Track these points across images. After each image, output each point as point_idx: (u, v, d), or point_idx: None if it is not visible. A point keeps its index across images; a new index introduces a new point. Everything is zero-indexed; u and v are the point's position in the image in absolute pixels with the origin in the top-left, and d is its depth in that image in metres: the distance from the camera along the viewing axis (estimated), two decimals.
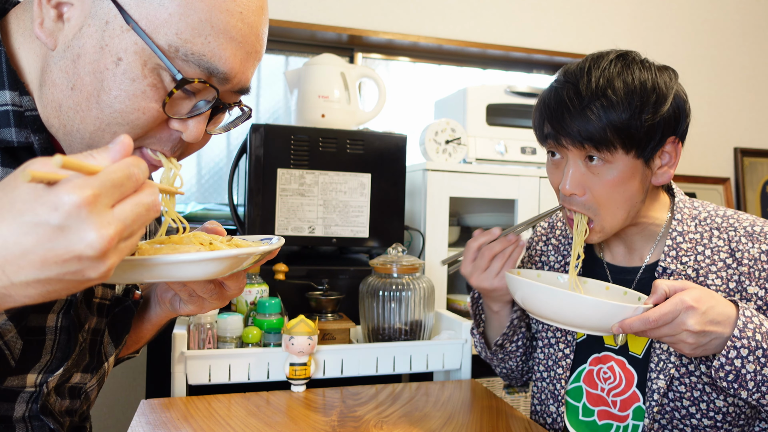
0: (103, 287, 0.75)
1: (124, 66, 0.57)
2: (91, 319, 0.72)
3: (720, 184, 2.68)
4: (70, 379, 0.70)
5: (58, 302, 0.66)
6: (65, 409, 0.71)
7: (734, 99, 2.74)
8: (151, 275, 0.56)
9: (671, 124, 0.86)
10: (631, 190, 0.87)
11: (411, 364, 1.23)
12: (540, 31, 2.44)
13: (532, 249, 1.16)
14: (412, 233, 1.79)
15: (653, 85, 0.84)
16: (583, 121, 0.83)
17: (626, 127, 0.82)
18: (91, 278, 0.44)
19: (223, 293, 0.70)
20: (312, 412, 1.01)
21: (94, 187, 0.42)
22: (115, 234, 0.43)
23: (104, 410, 1.99)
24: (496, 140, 1.89)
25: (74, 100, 0.58)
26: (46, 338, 0.65)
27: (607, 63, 0.86)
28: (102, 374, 0.78)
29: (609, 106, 0.82)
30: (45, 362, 0.65)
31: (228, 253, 0.55)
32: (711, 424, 0.87)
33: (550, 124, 0.88)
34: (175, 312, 0.79)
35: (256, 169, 1.45)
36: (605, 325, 0.78)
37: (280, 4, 2.12)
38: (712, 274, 0.89)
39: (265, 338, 1.18)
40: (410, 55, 2.39)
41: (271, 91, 2.25)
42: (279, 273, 1.35)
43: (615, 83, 0.83)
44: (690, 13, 2.66)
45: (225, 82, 0.62)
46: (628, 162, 0.85)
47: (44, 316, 0.65)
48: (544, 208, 1.83)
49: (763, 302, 0.85)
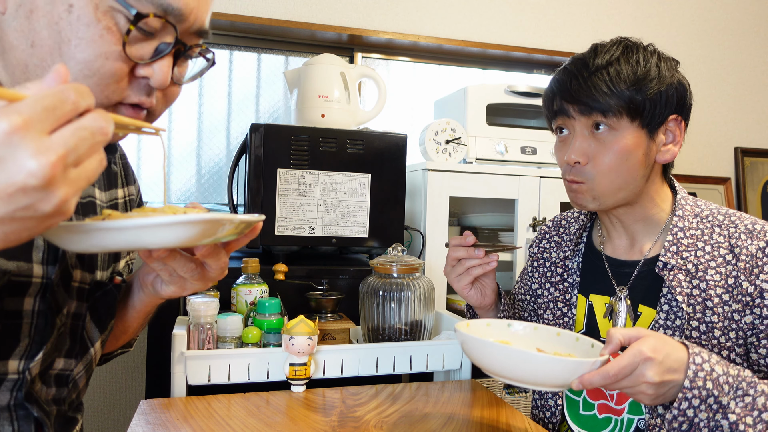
0: (81, 271, 0.73)
1: (76, 12, 0.57)
2: (70, 303, 0.71)
3: (720, 184, 2.68)
4: (53, 365, 0.69)
5: (34, 285, 0.65)
6: (52, 397, 0.70)
7: (735, 99, 2.74)
8: (121, 240, 0.55)
9: (674, 100, 0.91)
10: (633, 160, 0.90)
11: (411, 364, 1.23)
12: (540, 31, 2.44)
13: (534, 246, 1.17)
14: (412, 233, 1.79)
15: (657, 62, 0.91)
16: (591, 88, 0.89)
17: (631, 95, 0.88)
18: (46, 212, 0.41)
19: (205, 274, 0.69)
20: (312, 413, 1.01)
21: (23, 113, 0.39)
22: (57, 160, 0.40)
23: (104, 410, 1.99)
24: (496, 140, 1.89)
25: (38, 57, 0.58)
26: (23, 322, 0.64)
27: (612, 45, 0.93)
28: (89, 361, 0.76)
29: (615, 75, 0.88)
30: (24, 347, 0.64)
31: (199, 217, 0.53)
32: None
33: (560, 95, 0.93)
34: (157, 295, 0.77)
35: (256, 169, 1.45)
36: (564, 381, 0.75)
37: (280, 4, 2.12)
38: (711, 269, 0.89)
39: (265, 338, 1.18)
40: (410, 55, 2.39)
41: (271, 91, 2.25)
42: (279, 273, 1.35)
43: (621, 59, 0.90)
44: (690, 13, 2.66)
45: (181, 19, 0.62)
46: (632, 131, 0.90)
47: (20, 300, 0.64)
48: (544, 207, 1.83)
49: (750, 299, 0.86)
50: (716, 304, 0.88)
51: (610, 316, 0.98)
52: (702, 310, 0.88)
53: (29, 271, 0.65)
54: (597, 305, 1.01)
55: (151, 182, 2.13)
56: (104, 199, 0.82)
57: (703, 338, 0.88)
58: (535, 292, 1.12)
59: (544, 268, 1.11)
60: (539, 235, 1.18)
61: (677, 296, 0.89)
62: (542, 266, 1.12)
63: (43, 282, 0.66)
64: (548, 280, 1.09)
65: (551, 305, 1.07)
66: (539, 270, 1.12)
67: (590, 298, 1.02)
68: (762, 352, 0.86)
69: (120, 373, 2.00)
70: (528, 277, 1.15)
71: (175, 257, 0.66)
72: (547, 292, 1.08)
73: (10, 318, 0.63)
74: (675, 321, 0.89)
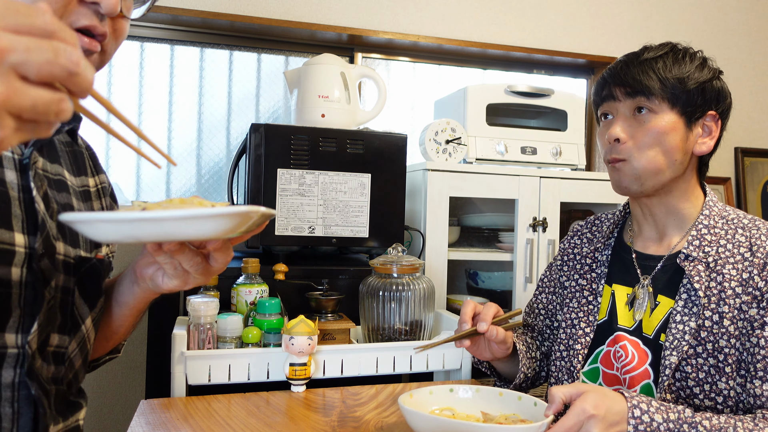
0: (65, 244, 0.73)
1: None
2: (57, 276, 0.71)
3: (721, 184, 2.68)
4: (49, 341, 0.69)
5: (18, 254, 0.64)
6: (51, 375, 0.70)
7: (735, 99, 2.72)
8: (159, 231, 0.55)
9: (713, 98, 0.99)
10: (671, 142, 0.97)
11: (411, 364, 1.23)
12: (540, 31, 2.44)
13: (566, 242, 1.21)
14: (412, 233, 1.79)
15: (700, 64, 1.00)
16: (639, 72, 0.97)
17: (675, 84, 0.96)
18: None
19: (209, 268, 0.69)
20: (312, 413, 1.01)
21: None
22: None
23: (104, 410, 1.99)
24: (496, 140, 1.89)
25: None
26: (12, 291, 0.64)
27: (661, 46, 1.01)
28: (82, 339, 0.76)
29: (663, 66, 0.97)
30: (18, 318, 0.64)
31: (237, 210, 0.54)
32: (711, 406, 0.91)
33: (611, 80, 1.01)
34: (156, 289, 0.75)
35: (256, 169, 1.45)
36: None
37: (280, 4, 2.12)
38: (729, 264, 0.94)
39: (265, 338, 1.18)
40: (410, 55, 2.38)
41: (271, 91, 2.25)
42: (279, 273, 1.35)
43: (669, 55, 0.99)
44: (691, 13, 2.66)
45: None
46: (672, 117, 0.97)
47: (7, 269, 0.64)
48: (544, 207, 1.83)
49: (760, 293, 0.90)
50: (729, 296, 0.92)
51: (631, 304, 1.03)
52: (717, 301, 0.92)
53: (11, 239, 0.64)
54: (619, 295, 1.05)
55: (151, 182, 2.13)
56: (76, 184, 0.81)
57: (714, 327, 0.92)
58: (563, 284, 1.16)
59: (574, 261, 1.15)
60: (571, 232, 1.23)
61: (695, 284, 0.94)
62: (572, 260, 1.16)
63: (27, 252, 0.65)
64: (577, 272, 1.13)
65: (577, 294, 1.11)
66: (569, 264, 1.17)
67: (614, 287, 1.07)
68: (753, 341, 0.89)
69: (120, 373, 2.00)
70: (557, 270, 1.19)
71: (183, 251, 0.66)
72: (574, 282, 1.13)
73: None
74: (692, 308, 0.94)
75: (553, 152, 1.93)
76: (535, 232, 1.82)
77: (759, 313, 0.89)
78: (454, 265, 2.05)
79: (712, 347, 0.91)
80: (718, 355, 0.90)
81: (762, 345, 0.88)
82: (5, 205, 0.64)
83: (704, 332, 0.92)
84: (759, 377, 0.87)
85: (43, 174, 0.71)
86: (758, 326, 0.89)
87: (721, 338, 0.91)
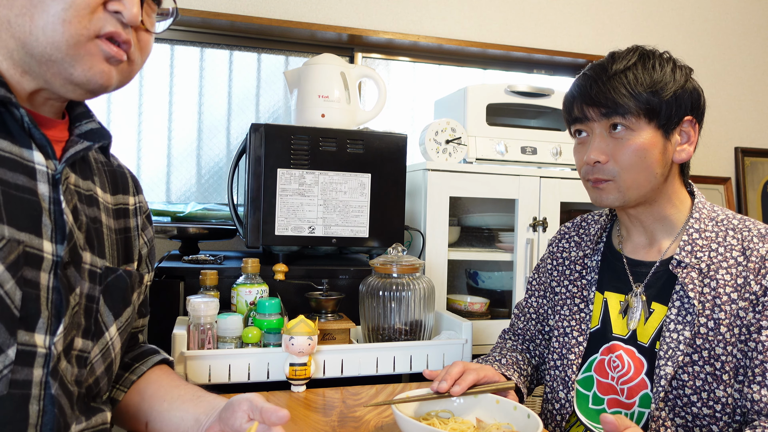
0: (91, 254, 0.76)
1: None
2: (82, 284, 0.74)
3: (721, 184, 2.68)
4: (74, 345, 0.72)
5: (46, 261, 0.67)
6: (75, 378, 0.73)
7: (735, 99, 2.74)
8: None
9: (688, 103, 0.96)
10: (651, 158, 0.95)
11: (411, 364, 1.23)
12: (540, 31, 2.44)
13: (554, 245, 1.20)
14: (412, 233, 1.79)
15: (672, 68, 0.96)
16: (611, 90, 0.93)
17: (649, 97, 0.93)
18: None
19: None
20: (312, 413, 1.01)
21: None
22: None
23: None
24: (496, 140, 1.89)
25: (20, 3, 0.64)
26: (41, 294, 0.67)
27: (629, 52, 0.97)
28: (105, 346, 0.78)
29: (633, 80, 0.93)
30: (46, 319, 0.67)
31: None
32: (710, 414, 0.90)
33: (581, 99, 0.98)
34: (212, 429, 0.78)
35: (256, 169, 1.45)
36: None
37: (280, 4, 2.12)
38: (722, 269, 0.93)
39: (265, 338, 1.18)
40: (410, 55, 2.38)
41: (271, 91, 2.25)
42: (279, 273, 1.35)
43: (638, 65, 0.95)
44: (691, 13, 2.66)
45: None
46: (649, 131, 0.94)
47: (37, 273, 0.67)
48: (544, 207, 1.83)
49: (755, 297, 0.89)
50: (724, 302, 0.91)
51: (625, 312, 1.01)
52: (711, 308, 0.91)
53: (41, 246, 0.67)
54: (612, 303, 1.04)
55: (151, 182, 2.13)
56: (110, 201, 0.84)
57: (710, 335, 0.91)
58: (554, 289, 1.15)
59: (563, 267, 1.14)
60: (559, 234, 1.21)
61: (689, 293, 0.92)
62: (561, 264, 1.15)
63: (54, 259, 0.69)
64: (567, 278, 1.12)
65: (568, 302, 1.10)
66: (558, 268, 1.15)
67: (606, 295, 1.05)
68: (751, 345, 0.89)
69: None
70: (547, 273, 1.18)
71: None
72: (565, 288, 1.11)
73: (30, 286, 0.66)
74: (686, 317, 0.93)
75: (553, 152, 1.93)
76: (535, 232, 1.82)
77: (755, 317, 0.89)
78: (454, 265, 2.05)
79: (708, 355, 0.90)
80: (715, 363, 0.90)
81: (759, 350, 0.87)
82: (36, 214, 0.67)
83: (700, 340, 0.91)
84: (757, 382, 0.87)
85: (75, 189, 0.75)
86: (755, 330, 0.88)
87: (717, 345, 0.90)
